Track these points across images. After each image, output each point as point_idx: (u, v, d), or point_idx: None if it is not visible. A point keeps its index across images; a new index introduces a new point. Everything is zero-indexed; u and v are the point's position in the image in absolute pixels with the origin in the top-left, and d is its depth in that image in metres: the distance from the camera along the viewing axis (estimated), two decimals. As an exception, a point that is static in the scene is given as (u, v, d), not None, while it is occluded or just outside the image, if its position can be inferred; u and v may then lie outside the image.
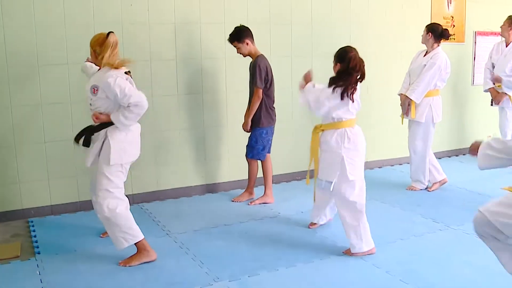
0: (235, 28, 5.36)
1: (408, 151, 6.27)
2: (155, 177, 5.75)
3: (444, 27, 6.02)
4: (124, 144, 3.91)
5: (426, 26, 6.00)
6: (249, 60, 5.46)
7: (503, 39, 6.83)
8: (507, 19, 6.38)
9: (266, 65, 5.33)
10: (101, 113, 3.88)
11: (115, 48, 3.88)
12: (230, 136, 6.06)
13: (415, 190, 6.16)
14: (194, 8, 5.70)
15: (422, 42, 6.03)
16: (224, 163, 6.11)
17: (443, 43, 7.33)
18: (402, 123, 6.22)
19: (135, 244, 4.04)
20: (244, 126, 5.46)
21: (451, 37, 7.56)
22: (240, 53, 5.37)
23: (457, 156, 8.05)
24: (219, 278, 3.84)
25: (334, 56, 4.31)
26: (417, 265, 4.08)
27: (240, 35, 5.31)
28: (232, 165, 6.10)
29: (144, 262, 4.06)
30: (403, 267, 4.06)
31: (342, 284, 3.80)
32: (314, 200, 4.71)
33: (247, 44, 5.33)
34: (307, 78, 4.41)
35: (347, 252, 4.31)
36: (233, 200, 5.73)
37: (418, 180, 6.18)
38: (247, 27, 5.36)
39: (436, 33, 5.91)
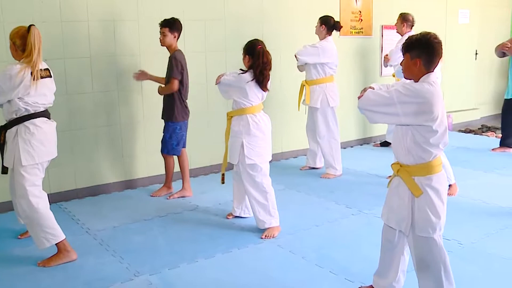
0: (174, 18, 5.39)
1: (307, 138, 6.62)
2: (73, 176, 5.66)
3: (336, 20, 6.31)
4: (34, 143, 3.84)
5: (320, 18, 6.26)
6: (165, 57, 5.45)
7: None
8: (399, 16, 6.68)
9: (182, 59, 5.37)
10: None
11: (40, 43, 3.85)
12: (147, 133, 6.05)
13: (329, 177, 6.35)
14: (107, 6, 5.64)
15: (316, 33, 6.29)
16: (141, 159, 6.09)
17: (354, 36, 7.58)
18: (299, 109, 6.46)
19: (56, 244, 3.98)
20: (137, 75, 5.59)
21: (359, 30, 7.86)
22: (162, 41, 5.36)
23: (368, 144, 8.34)
24: (140, 273, 3.86)
25: (244, 49, 4.59)
26: (331, 250, 4.25)
27: (174, 25, 5.36)
28: (150, 160, 6.09)
29: (64, 263, 4.02)
30: (318, 252, 4.21)
31: (260, 271, 3.90)
32: (223, 181, 4.86)
33: (174, 36, 5.37)
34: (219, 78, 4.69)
35: (268, 234, 4.51)
36: (151, 195, 5.72)
37: (331, 166, 6.39)
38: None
39: (329, 25, 6.21)
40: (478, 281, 3.70)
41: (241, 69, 4.57)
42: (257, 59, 4.47)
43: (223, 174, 4.82)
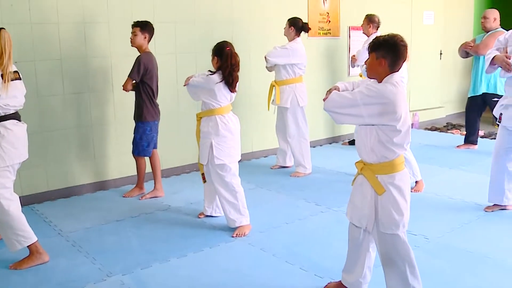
0: (147, 20, 5.40)
1: (277, 137, 6.68)
2: (45, 178, 5.59)
3: (304, 22, 6.36)
4: (4, 145, 3.78)
5: (288, 20, 6.30)
6: (134, 58, 5.42)
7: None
8: (365, 17, 6.74)
9: (148, 61, 5.34)
10: None
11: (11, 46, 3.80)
12: (118, 134, 6.01)
13: (299, 175, 6.39)
14: (77, 8, 5.59)
15: (285, 34, 6.33)
16: (113, 160, 6.05)
17: (322, 37, 7.62)
18: (268, 109, 6.50)
19: (27, 246, 3.94)
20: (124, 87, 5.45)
21: (327, 32, 7.92)
22: (132, 41, 5.34)
23: (336, 142, 8.41)
24: (112, 273, 3.84)
25: (212, 51, 4.59)
26: (301, 247, 4.28)
27: (146, 25, 5.35)
28: (122, 161, 6.05)
29: (36, 265, 3.98)
30: (288, 249, 4.24)
31: (231, 269, 3.91)
32: (204, 180, 4.83)
33: (145, 37, 5.36)
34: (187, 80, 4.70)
35: (239, 233, 4.52)
36: (124, 195, 5.68)
37: (301, 165, 6.43)
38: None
39: (297, 26, 6.26)
40: (444, 274, 3.77)
41: (209, 70, 4.57)
42: (225, 61, 4.47)
43: (203, 174, 4.80)
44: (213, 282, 3.72)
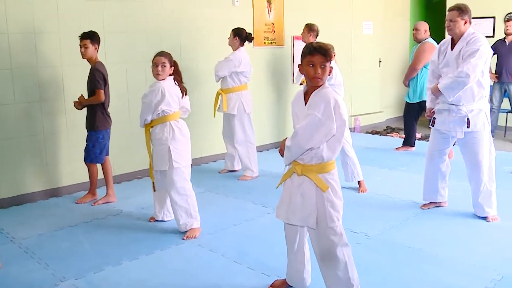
0: (93, 31, 5.33)
1: (224, 143, 6.73)
2: (-4, 186, 5.48)
3: (248, 32, 6.40)
4: None
5: (232, 30, 6.34)
6: (85, 69, 5.37)
7: None
8: (305, 26, 6.81)
9: (104, 70, 5.32)
10: None
11: None
12: (70, 142, 5.92)
13: (247, 179, 6.43)
14: (27, 18, 5.49)
15: (229, 44, 6.38)
16: (66, 167, 5.96)
17: (267, 46, 7.71)
18: (215, 116, 6.55)
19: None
20: (76, 104, 5.37)
21: (272, 41, 8.00)
22: (84, 54, 5.27)
23: (283, 147, 8.46)
24: (65, 278, 3.79)
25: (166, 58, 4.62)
26: (249, 247, 4.33)
27: (95, 37, 5.31)
28: (74, 168, 5.96)
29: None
30: (237, 249, 4.28)
31: (182, 270, 3.92)
32: (154, 189, 4.83)
33: (95, 48, 5.32)
34: None
35: (190, 235, 4.54)
36: (76, 202, 5.60)
37: (249, 169, 6.48)
38: None
39: (241, 36, 6.31)
40: (384, 269, 3.88)
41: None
42: (176, 70, 4.63)
43: (153, 182, 4.79)
44: (164, 283, 3.72)
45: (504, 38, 8.49)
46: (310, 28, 6.74)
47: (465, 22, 4.65)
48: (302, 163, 3.12)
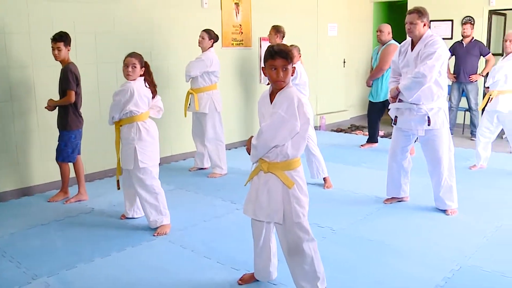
0: (64, 32, 5.26)
1: (193, 141, 6.75)
2: (-33, 185, 5.39)
3: (215, 33, 6.42)
4: None
5: (202, 31, 6.35)
6: (57, 69, 5.32)
7: None
8: (272, 28, 6.85)
9: (76, 71, 5.28)
10: None
11: None
12: (42, 141, 5.86)
13: (216, 176, 6.46)
14: (-3, 19, 5.42)
15: (199, 45, 6.39)
16: (37, 167, 5.89)
17: (235, 47, 7.74)
18: (185, 116, 6.54)
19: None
20: (47, 107, 5.35)
21: (240, 42, 8.02)
22: (58, 56, 5.21)
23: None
24: (38, 276, 3.77)
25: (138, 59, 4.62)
26: (218, 242, 4.36)
27: (68, 39, 5.25)
28: (46, 167, 5.90)
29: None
30: (206, 245, 4.31)
31: (153, 266, 3.94)
32: (118, 187, 4.85)
33: (68, 50, 5.27)
34: None
35: (160, 232, 4.55)
36: (49, 200, 5.55)
37: (218, 166, 6.51)
38: None
39: (211, 37, 6.34)
40: (348, 261, 3.96)
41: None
42: (147, 71, 4.62)
43: (118, 181, 4.79)
44: (136, 279, 3.73)
45: (462, 40, 8.68)
46: (276, 30, 6.78)
47: (424, 25, 4.76)
48: (268, 161, 3.15)
